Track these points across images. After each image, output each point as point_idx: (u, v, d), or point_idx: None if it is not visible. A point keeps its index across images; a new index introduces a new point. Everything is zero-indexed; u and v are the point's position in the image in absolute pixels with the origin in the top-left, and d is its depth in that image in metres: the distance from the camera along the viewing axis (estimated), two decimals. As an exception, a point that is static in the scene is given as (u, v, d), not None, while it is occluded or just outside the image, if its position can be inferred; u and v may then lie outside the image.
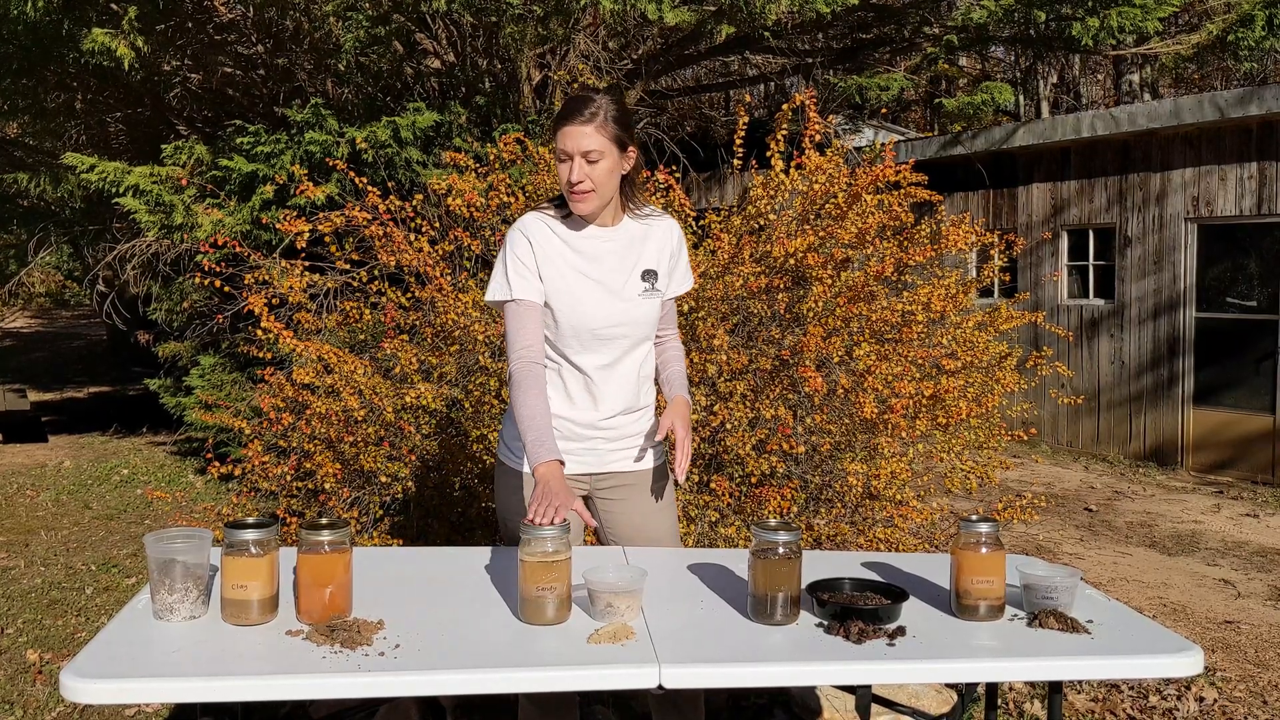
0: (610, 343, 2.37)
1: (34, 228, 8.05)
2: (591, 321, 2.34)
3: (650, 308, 2.40)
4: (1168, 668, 1.81)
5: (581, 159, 2.26)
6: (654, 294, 2.40)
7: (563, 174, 2.30)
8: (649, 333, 2.43)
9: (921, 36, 7.33)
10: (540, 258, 2.34)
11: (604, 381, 2.38)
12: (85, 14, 5.85)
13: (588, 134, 2.25)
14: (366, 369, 3.89)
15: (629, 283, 2.37)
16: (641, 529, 2.47)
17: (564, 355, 2.38)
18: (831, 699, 3.20)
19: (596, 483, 2.47)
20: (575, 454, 2.40)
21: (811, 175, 4.09)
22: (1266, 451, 7.78)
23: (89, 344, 20.67)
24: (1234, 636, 4.37)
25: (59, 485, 7.53)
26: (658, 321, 2.45)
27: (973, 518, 1.98)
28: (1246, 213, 7.83)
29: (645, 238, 2.42)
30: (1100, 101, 17.07)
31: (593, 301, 2.34)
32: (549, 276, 2.34)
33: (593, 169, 2.27)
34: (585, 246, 2.36)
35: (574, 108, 2.27)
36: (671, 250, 2.45)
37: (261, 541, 1.83)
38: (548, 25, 5.74)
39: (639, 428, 2.46)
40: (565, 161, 2.28)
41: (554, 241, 2.36)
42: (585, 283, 2.34)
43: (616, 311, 2.35)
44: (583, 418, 2.40)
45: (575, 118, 2.26)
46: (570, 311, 2.33)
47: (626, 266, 2.38)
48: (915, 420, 3.84)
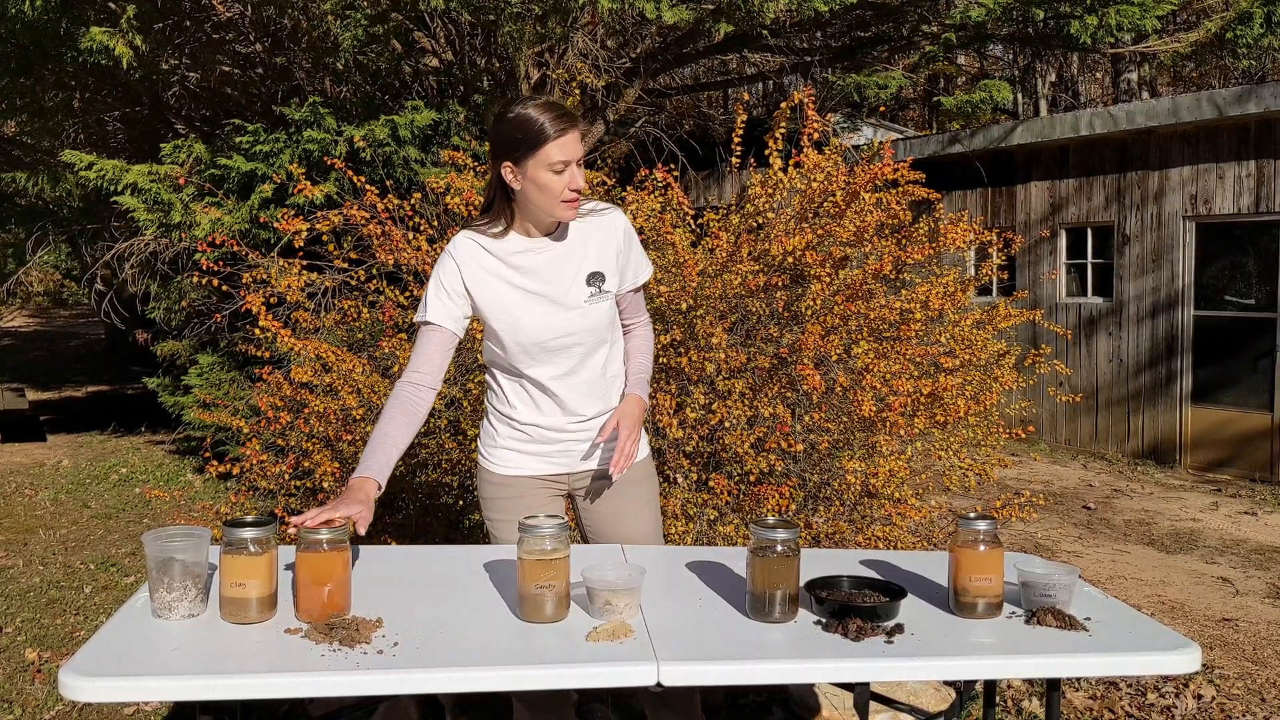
0: (561, 353, 2.32)
1: (32, 226, 8.05)
2: (536, 336, 2.29)
3: (600, 312, 2.33)
4: (1165, 665, 1.82)
5: (576, 164, 2.22)
6: (603, 297, 2.33)
7: (558, 185, 2.21)
8: (606, 335, 2.37)
9: (920, 35, 7.33)
10: (470, 280, 2.29)
11: (565, 390, 2.35)
12: (83, 12, 5.84)
13: (578, 139, 2.22)
14: (365, 368, 3.89)
15: (572, 290, 2.30)
16: (620, 528, 2.45)
17: (519, 370, 2.35)
18: (830, 697, 3.20)
19: (574, 481, 2.46)
20: (549, 456, 2.40)
21: (810, 174, 4.09)
22: (1265, 449, 7.78)
23: (87, 343, 20.66)
24: (1232, 634, 4.38)
25: (57, 484, 7.53)
26: (613, 323, 2.39)
27: (971, 515, 1.98)
28: (1245, 211, 7.83)
29: (585, 239, 2.34)
30: (1099, 100, 17.08)
31: (534, 316, 2.29)
32: (483, 298, 2.30)
33: (581, 172, 2.24)
34: (521, 261, 2.30)
35: (559, 114, 2.21)
36: (618, 246, 2.36)
37: (260, 540, 1.83)
38: (546, 24, 5.74)
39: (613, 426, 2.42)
40: (562, 171, 2.20)
41: (485, 259, 2.30)
42: (524, 298, 2.29)
43: (562, 322, 2.30)
44: (551, 422, 2.38)
45: (570, 123, 2.21)
46: (513, 329, 2.29)
47: (569, 273, 2.31)
48: (913, 418, 3.84)
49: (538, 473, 2.42)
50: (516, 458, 2.41)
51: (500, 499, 2.43)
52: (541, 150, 2.19)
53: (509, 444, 2.41)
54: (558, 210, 2.25)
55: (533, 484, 2.42)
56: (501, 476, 2.42)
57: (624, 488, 2.45)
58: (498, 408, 2.43)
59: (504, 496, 2.42)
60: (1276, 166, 7.60)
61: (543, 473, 2.42)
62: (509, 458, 2.41)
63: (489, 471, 2.44)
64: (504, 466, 2.41)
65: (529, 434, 2.38)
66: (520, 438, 2.40)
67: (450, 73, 6.80)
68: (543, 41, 6.31)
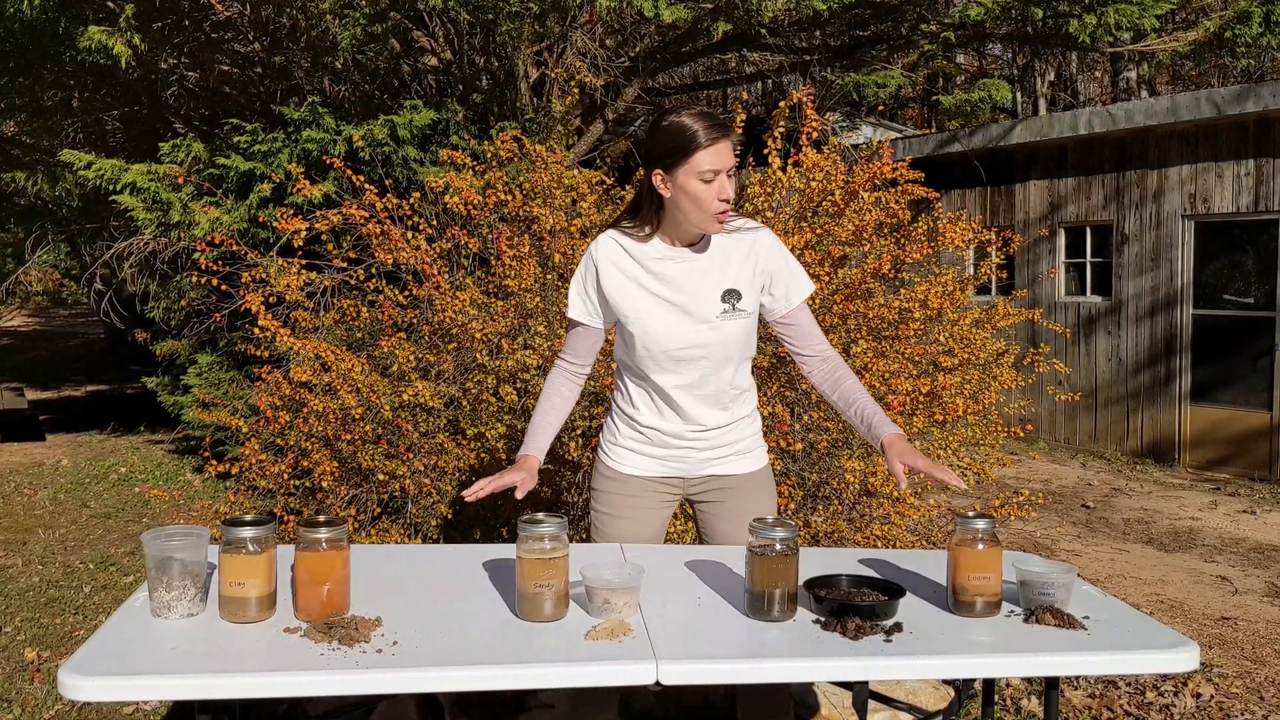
0: (688, 364, 2.33)
1: (31, 226, 8.04)
2: (665, 344, 2.30)
3: (733, 329, 2.31)
4: (1164, 664, 1.82)
5: (727, 174, 2.20)
6: (736, 314, 2.30)
7: (708, 195, 2.19)
8: (736, 353, 2.35)
9: (919, 34, 7.33)
10: (606, 282, 2.33)
11: (688, 400, 2.36)
12: (82, 12, 5.84)
13: (731, 146, 2.21)
14: (364, 367, 3.89)
15: (707, 304, 2.29)
16: (738, 533, 2.44)
17: (645, 374, 2.37)
18: (829, 696, 3.20)
19: (690, 487, 2.47)
20: (667, 459, 2.42)
21: (809, 173, 4.09)
22: (1263, 448, 7.79)
23: (87, 342, 20.66)
24: (1231, 633, 4.38)
25: (57, 484, 7.53)
26: (747, 341, 2.36)
27: (970, 514, 1.98)
28: (1243, 210, 7.84)
29: (728, 254, 2.32)
30: (1097, 99, 17.09)
31: (665, 324, 2.30)
32: (618, 300, 2.33)
33: (731, 183, 2.22)
34: (661, 269, 2.31)
35: (714, 122, 2.20)
36: (759, 264, 2.33)
37: (259, 539, 1.83)
38: (544, 22, 5.74)
39: (735, 435, 2.43)
40: (712, 180, 2.19)
41: (627, 262, 2.33)
42: (658, 305, 2.30)
43: (692, 333, 2.30)
44: (671, 429, 2.40)
45: (723, 132, 2.19)
46: (643, 334, 2.31)
47: (706, 287, 2.30)
48: (912, 417, 3.84)
49: (654, 474, 2.44)
50: (634, 457, 2.44)
51: (612, 494, 2.45)
52: (692, 158, 2.18)
53: (629, 444, 2.44)
54: (708, 222, 2.24)
55: (647, 485, 2.45)
56: (617, 473, 2.45)
57: (743, 495, 2.45)
58: (622, 407, 2.46)
59: (616, 492, 2.45)
60: (1275, 165, 7.60)
61: (659, 475, 2.44)
62: (627, 456, 2.44)
63: (606, 466, 2.47)
64: (621, 464, 2.45)
65: (649, 437, 2.41)
66: (640, 439, 2.43)
67: (449, 72, 6.80)
68: (541, 40, 6.31)
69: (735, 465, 2.44)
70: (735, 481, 2.44)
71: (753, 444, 2.47)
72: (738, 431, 2.44)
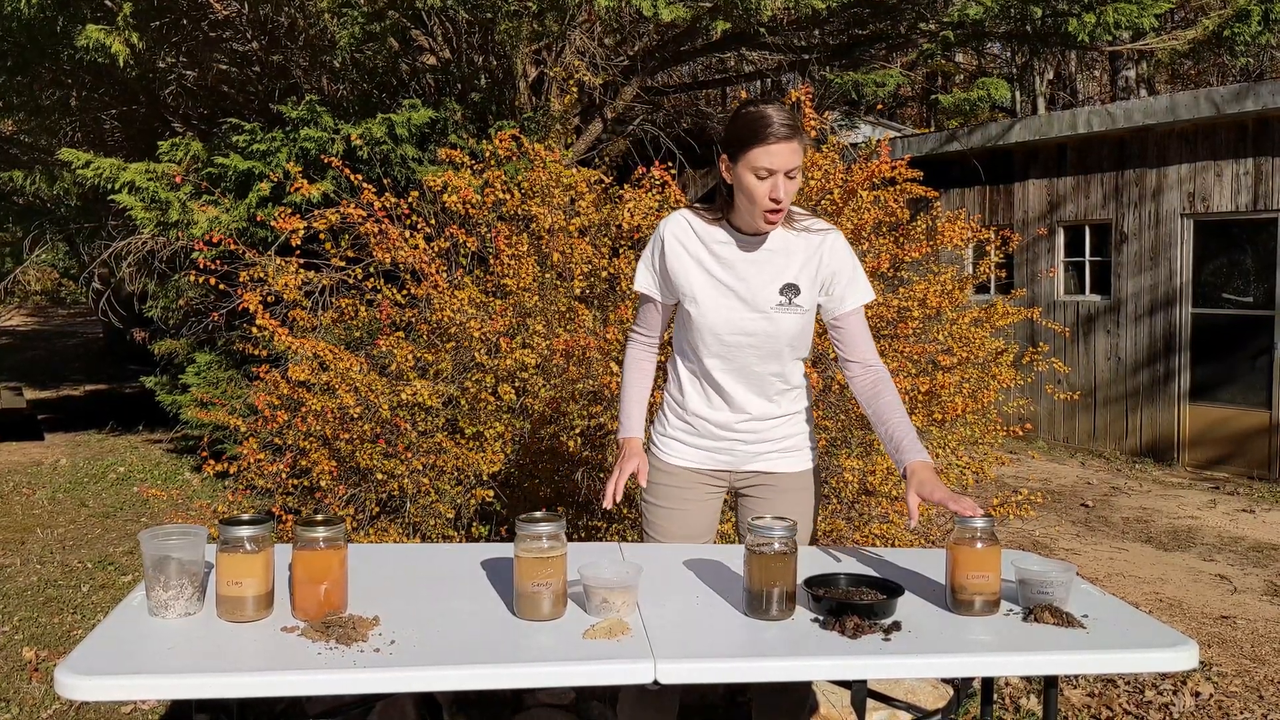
0: (738, 350, 2.34)
1: (29, 225, 8.04)
2: (715, 326, 2.33)
3: (789, 323, 2.32)
4: (1163, 662, 1.82)
5: (784, 174, 2.20)
6: (792, 309, 2.31)
7: (760, 191, 2.21)
8: (787, 347, 2.36)
9: (917, 32, 7.32)
10: (670, 255, 2.37)
11: (735, 388, 2.38)
12: (80, 10, 5.83)
13: (795, 150, 2.20)
14: (362, 366, 3.88)
15: (763, 294, 2.31)
16: None
17: (697, 355, 2.39)
18: (828, 695, 3.20)
19: (736, 480, 2.49)
20: (714, 451, 2.44)
21: (807, 171, 4.09)
22: (1262, 447, 7.79)
23: (85, 342, 20.65)
24: (1230, 631, 4.38)
25: (55, 483, 7.52)
26: (801, 338, 2.37)
27: (968, 513, 1.98)
28: (1242, 209, 7.84)
29: (792, 250, 2.34)
30: (1096, 97, 17.09)
31: (718, 307, 2.32)
32: (678, 277, 2.37)
33: (790, 185, 2.23)
34: (723, 252, 2.34)
35: (780, 121, 2.18)
36: (823, 264, 2.33)
37: (256, 538, 1.83)
38: (543, 21, 5.74)
39: (783, 431, 2.43)
40: (766, 178, 2.20)
41: (692, 241, 2.36)
42: (715, 287, 2.33)
43: (744, 321, 2.32)
44: (718, 418, 2.41)
45: (786, 133, 2.18)
46: (698, 314, 2.35)
47: (764, 276, 2.32)
48: (911, 416, 3.84)
49: (702, 466, 2.46)
50: (682, 449, 2.46)
51: (662, 485, 2.47)
52: (751, 152, 2.19)
53: (677, 434, 2.47)
54: (757, 218, 2.26)
55: (695, 477, 2.46)
56: (666, 464, 2.47)
57: (788, 493, 2.46)
58: (672, 394, 2.49)
59: (666, 484, 2.47)
60: (1274, 164, 7.60)
61: (706, 467, 2.46)
62: (675, 447, 2.47)
63: (655, 458, 2.50)
64: (670, 455, 2.47)
65: (695, 426, 2.43)
66: (687, 429, 2.45)
67: (448, 71, 6.79)
68: (540, 39, 6.30)
69: (781, 463, 2.45)
70: (779, 479, 2.45)
71: (801, 443, 2.47)
72: (785, 428, 2.44)
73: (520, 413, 3.88)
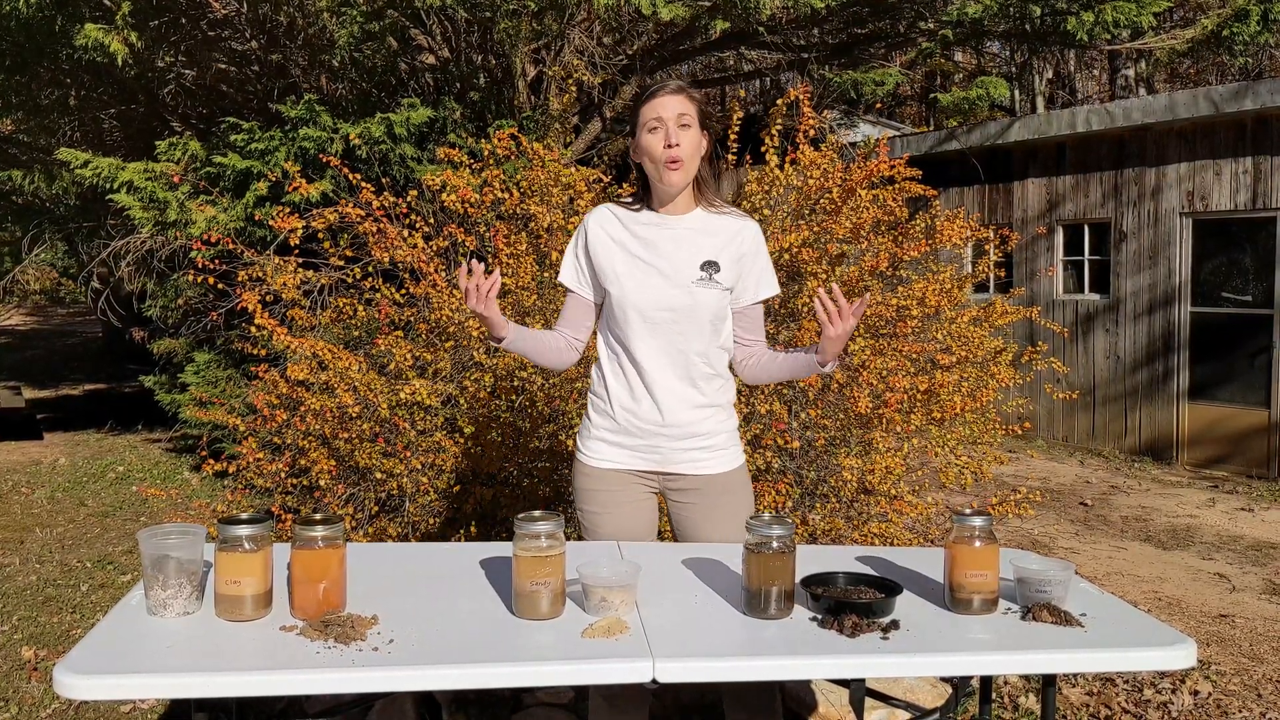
0: (660, 328, 2.37)
1: (28, 224, 8.04)
2: (639, 303, 2.36)
3: (708, 298, 2.36)
4: (1161, 661, 1.82)
5: (674, 122, 2.30)
6: (712, 285, 2.36)
7: (655, 144, 2.31)
8: (708, 326, 2.38)
9: (916, 31, 7.33)
10: (593, 242, 2.43)
11: (658, 373, 2.38)
12: (78, 9, 5.83)
13: (678, 100, 2.31)
14: (361, 365, 3.88)
15: (684, 269, 2.36)
16: (709, 532, 2.45)
17: (624, 341, 2.41)
18: (827, 693, 3.20)
19: (665, 482, 2.47)
20: (640, 450, 2.43)
21: (806, 170, 4.09)
22: (1261, 446, 7.79)
23: (84, 341, 20.64)
24: (1229, 630, 4.39)
25: (54, 482, 7.52)
26: (720, 317, 2.40)
27: (967, 512, 1.98)
28: (1241, 207, 7.84)
29: (712, 231, 2.41)
30: (1095, 96, 17.09)
31: (639, 283, 2.37)
32: (601, 261, 2.42)
33: (684, 134, 2.31)
34: (645, 233, 2.41)
35: (659, 84, 2.35)
36: (742, 250, 2.40)
37: (255, 537, 1.83)
38: (542, 20, 5.73)
39: (707, 428, 2.42)
40: (657, 129, 2.30)
41: (614, 226, 2.43)
42: (636, 265, 2.38)
43: (666, 296, 2.35)
44: (646, 414, 2.41)
45: (664, 89, 2.33)
46: (620, 294, 2.38)
47: (684, 253, 2.38)
48: (910, 415, 3.84)
49: (630, 467, 2.44)
50: (609, 449, 2.45)
51: (593, 490, 2.46)
52: (640, 114, 2.34)
53: (602, 434, 2.45)
54: (663, 174, 2.33)
55: (626, 479, 2.45)
56: (593, 469, 2.45)
57: (717, 495, 2.45)
58: (595, 394, 2.49)
59: (595, 489, 2.45)
60: (1273, 163, 7.61)
61: (635, 468, 2.44)
62: (600, 449, 2.45)
63: (582, 464, 2.49)
64: (596, 459, 2.45)
65: (621, 423, 2.42)
66: (612, 428, 2.44)
67: (447, 70, 6.79)
68: (539, 38, 6.30)
69: (708, 464, 2.44)
70: (706, 481, 2.44)
71: (727, 442, 2.47)
72: (710, 424, 2.43)
73: (519, 412, 3.87)
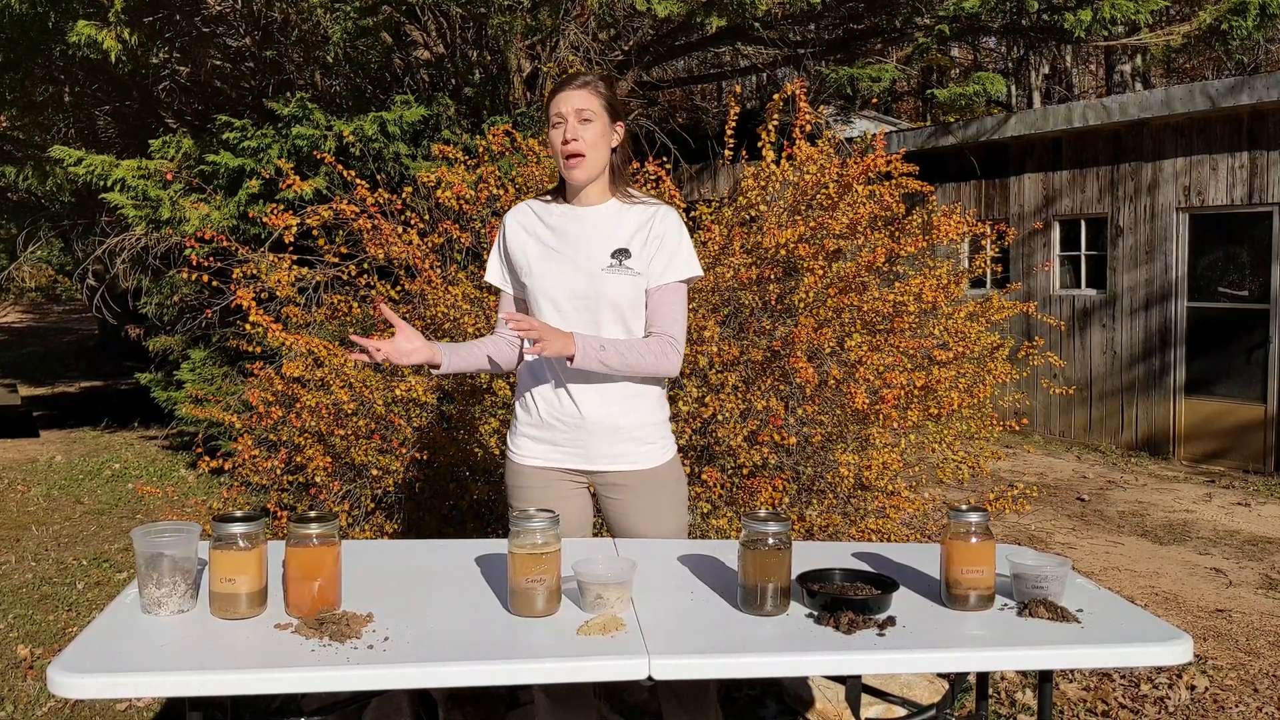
0: (572, 317, 2.37)
1: (23, 222, 8.01)
2: (551, 291, 2.38)
3: (619, 285, 2.35)
4: (1157, 656, 1.81)
5: (574, 118, 2.33)
6: (622, 271, 2.36)
7: (555, 140, 2.36)
8: (619, 315, 2.37)
9: (913, 26, 7.32)
10: (510, 238, 2.48)
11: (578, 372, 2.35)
12: (71, 6, 5.80)
13: (580, 95, 2.35)
14: (356, 362, 3.87)
15: (594, 257, 2.38)
16: (641, 528, 2.45)
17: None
18: (824, 689, 3.20)
19: (594, 479, 2.47)
20: (564, 445, 2.41)
21: (802, 166, 4.08)
22: (1258, 441, 7.80)
23: (81, 338, 20.61)
24: (1225, 625, 4.39)
25: (50, 480, 7.51)
26: (634, 304, 2.38)
27: (963, 507, 1.97)
28: (1238, 202, 7.84)
29: (623, 219, 2.42)
30: (1092, 91, 17.09)
31: (551, 271, 2.39)
32: (517, 255, 2.46)
33: (584, 129, 2.34)
34: (558, 224, 2.44)
35: (564, 79, 2.40)
36: (652, 233, 2.39)
37: (249, 535, 1.82)
38: (536, 16, 5.72)
39: (630, 421, 2.40)
40: (559, 125, 2.35)
41: (530, 220, 2.48)
42: (548, 254, 2.41)
43: (577, 283, 2.37)
44: (566, 410, 2.40)
45: (568, 84, 2.37)
46: (533, 284, 2.41)
47: (595, 241, 2.40)
48: (907, 411, 3.84)
49: (557, 464, 2.43)
50: (532, 445, 2.44)
51: (524, 487, 2.45)
52: (548, 112, 2.39)
53: (526, 431, 2.45)
54: (564, 169, 2.38)
55: (556, 476, 2.44)
56: (522, 466, 2.45)
57: (648, 492, 2.44)
58: (519, 394, 2.50)
59: (522, 485, 2.45)
60: (1269, 158, 7.61)
61: (562, 465, 2.43)
62: (525, 445, 2.45)
63: (511, 461, 2.49)
64: (524, 455, 2.45)
65: (544, 416, 2.42)
66: (536, 423, 2.43)
67: (441, 66, 6.77)
68: (534, 34, 6.28)
69: (635, 460, 2.41)
70: (633, 478, 2.42)
71: (654, 435, 2.44)
72: (633, 418, 2.40)
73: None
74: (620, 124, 2.42)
